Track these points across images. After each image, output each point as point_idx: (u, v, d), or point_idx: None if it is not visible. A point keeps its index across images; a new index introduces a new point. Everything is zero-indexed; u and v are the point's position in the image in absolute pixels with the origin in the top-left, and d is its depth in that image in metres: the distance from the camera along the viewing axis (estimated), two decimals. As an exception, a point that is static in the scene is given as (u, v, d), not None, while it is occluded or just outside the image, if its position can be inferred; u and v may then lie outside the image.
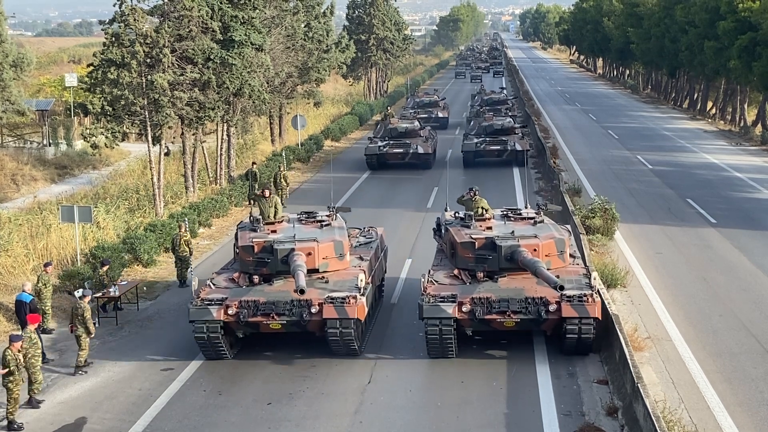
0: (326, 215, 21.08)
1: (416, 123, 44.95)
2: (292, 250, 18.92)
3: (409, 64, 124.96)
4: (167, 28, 30.87)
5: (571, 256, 20.15)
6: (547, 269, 18.17)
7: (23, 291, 19.67)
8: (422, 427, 15.73)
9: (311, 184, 41.21)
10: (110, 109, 30.96)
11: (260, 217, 21.06)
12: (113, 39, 30.77)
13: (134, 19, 30.50)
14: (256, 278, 19.02)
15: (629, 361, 16.05)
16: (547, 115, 69.15)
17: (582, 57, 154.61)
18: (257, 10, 35.10)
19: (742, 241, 28.39)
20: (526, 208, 22.30)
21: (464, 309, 17.95)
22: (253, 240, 19.43)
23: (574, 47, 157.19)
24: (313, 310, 18.10)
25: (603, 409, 16.02)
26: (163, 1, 31.85)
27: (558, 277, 17.95)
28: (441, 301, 17.97)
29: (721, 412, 15.95)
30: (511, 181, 39.53)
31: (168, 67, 30.79)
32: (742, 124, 63.01)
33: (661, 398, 15.83)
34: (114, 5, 30.86)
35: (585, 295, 17.87)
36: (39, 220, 29.03)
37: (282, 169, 36.71)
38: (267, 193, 22.41)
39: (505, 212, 21.07)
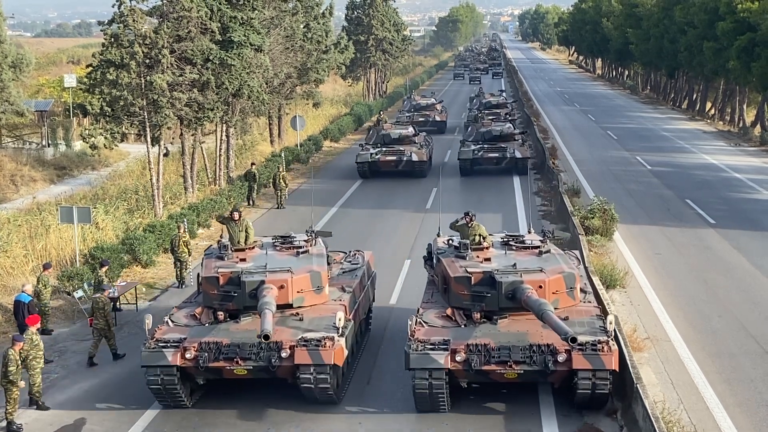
0: (304, 240, 18.74)
1: (410, 128, 42.86)
2: (262, 282, 16.71)
3: (408, 65, 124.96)
4: (166, 29, 30.86)
5: (582, 291, 17.70)
6: (555, 309, 15.88)
7: (23, 291, 19.68)
8: (421, 428, 15.76)
9: (310, 185, 41.18)
10: (109, 109, 30.95)
11: (229, 243, 18.60)
12: (112, 40, 30.76)
13: (133, 20, 30.49)
14: (221, 314, 16.85)
15: (628, 361, 16.05)
16: (546, 115, 69.16)
17: (581, 58, 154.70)
18: (256, 11, 35.10)
19: (741, 242, 28.41)
20: (529, 232, 19.87)
21: (458, 358, 15.54)
22: (219, 270, 17.23)
23: (573, 48, 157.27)
24: (283, 355, 15.76)
25: (602, 410, 16.03)
26: (162, 1, 31.85)
27: (567, 318, 15.99)
28: (431, 349, 15.55)
29: (720, 412, 15.97)
30: (511, 191, 38.31)
31: (167, 67, 30.79)
32: (741, 124, 63.04)
33: (660, 399, 15.85)
34: (113, 6, 30.86)
35: (599, 343, 15.39)
36: (38, 220, 29.02)
37: (281, 169, 36.70)
38: (236, 215, 19.33)
39: (505, 239, 18.64)
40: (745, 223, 31.38)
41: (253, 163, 38.32)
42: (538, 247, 17.98)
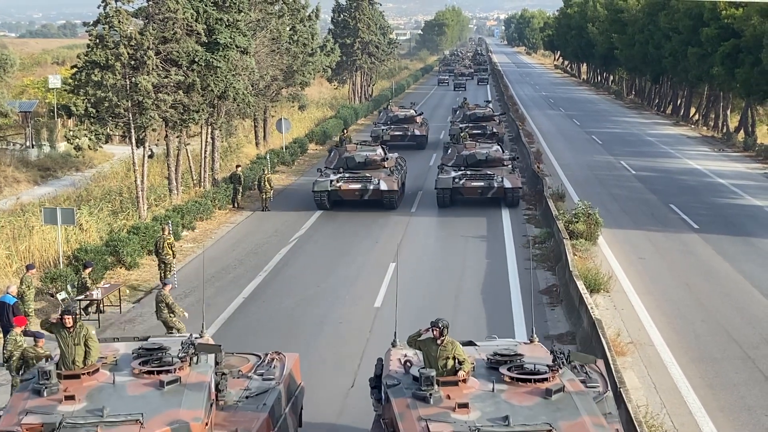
0: (180, 357, 11.64)
1: (379, 150, 35.75)
2: None
3: (394, 68, 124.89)
4: (152, 30, 30.78)
5: None
6: None
7: (7, 293, 19.57)
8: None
9: (295, 189, 41.11)
10: (94, 111, 30.83)
11: (58, 364, 11.60)
12: (97, 41, 30.64)
13: (119, 21, 30.39)
14: None
15: (611, 365, 16.08)
16: (532, 120, 69.32)
17: (566, 62, 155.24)
18: (242, 13, 35.07)
19: (725, 247, 28.56)
20: (531, 341, 13.01)
21: None
22: (24, 420, 10.29)
23: (559, 52, 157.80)
24: None
25: (586, 414, 16.00)
26: (147, 3, 31.77)
27: None
28: None
29: (702, 417, 16.02)
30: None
31: (152, 69, 30.69)
32: (724, 130, 63.43)
33: (644, 403, 15.89)
34: (98, 7, 30.75)
35: None
36: (21, 222, 28.87)
37: (266, 172, 36.64)
38: (68, 320, 11.75)
39: (493, 360, 11.71)
40: (728, 228, 31.54)
41: (238, 166, 38.25)
42: (546, 377, 11.09)
